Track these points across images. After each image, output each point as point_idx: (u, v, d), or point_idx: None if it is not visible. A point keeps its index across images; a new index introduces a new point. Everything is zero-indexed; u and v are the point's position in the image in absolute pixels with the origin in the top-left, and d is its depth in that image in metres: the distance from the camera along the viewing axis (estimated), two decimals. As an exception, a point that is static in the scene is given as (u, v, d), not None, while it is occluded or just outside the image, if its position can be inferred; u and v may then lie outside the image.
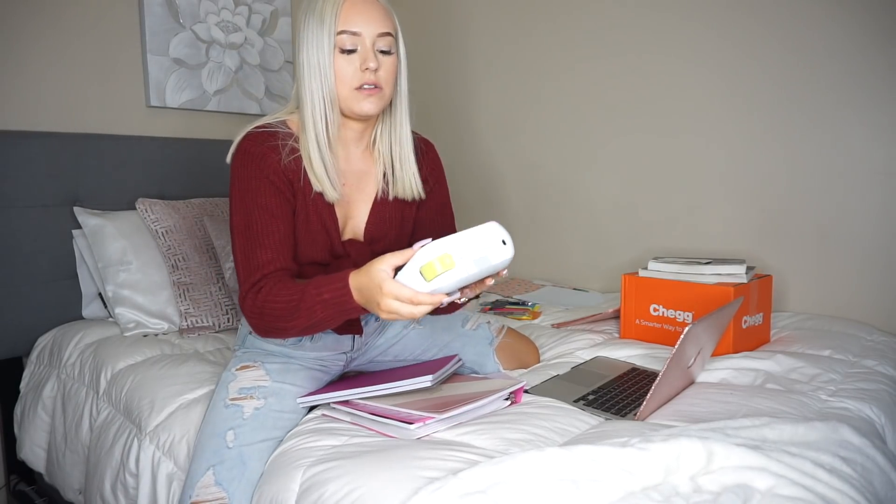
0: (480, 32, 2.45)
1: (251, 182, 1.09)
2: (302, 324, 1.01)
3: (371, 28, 1.09)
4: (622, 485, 0.82)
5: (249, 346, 1.26)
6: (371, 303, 0.93)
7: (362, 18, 1.08)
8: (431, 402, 1.08)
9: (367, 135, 1.22)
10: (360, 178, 1.22)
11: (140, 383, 1.40)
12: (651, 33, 2.01)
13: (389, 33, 1.11)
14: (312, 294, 0.99)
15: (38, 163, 1.76)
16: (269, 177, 1.09)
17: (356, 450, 0.99)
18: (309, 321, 1.00)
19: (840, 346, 1.45)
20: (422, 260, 0.89)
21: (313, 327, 1.02)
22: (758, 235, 1.85)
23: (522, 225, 2.41)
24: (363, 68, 1.08)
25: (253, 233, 1.07)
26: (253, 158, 1.09)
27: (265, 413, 1.11)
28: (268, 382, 1.16)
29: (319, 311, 0.99)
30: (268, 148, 1.10)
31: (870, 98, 1.64)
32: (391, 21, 1.13)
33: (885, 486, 0.89)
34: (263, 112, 2.33)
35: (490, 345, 1.38)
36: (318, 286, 0.99)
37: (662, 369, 1.07)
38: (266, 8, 2.33)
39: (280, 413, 1.12)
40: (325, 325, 1.02)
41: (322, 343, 1.25)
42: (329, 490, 0.91)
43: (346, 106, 1.12)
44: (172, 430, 1.24)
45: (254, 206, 1.08)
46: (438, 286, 0.89)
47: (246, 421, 1.09)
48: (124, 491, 1.29)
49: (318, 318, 1.00)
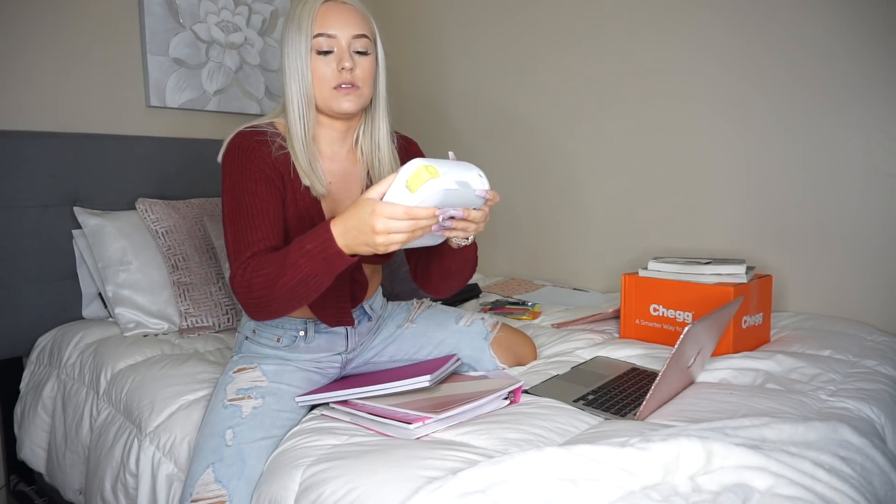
0: (480, 32, 2.45)
1: (242, 171, 1.12)
2: (288, 283, 0.99)
3: (346, 30, 1.15)
4: (622, 484, 0.82)
5: (246, 352, 1.28)
6: (363, 235, 0.92)
7: (338, 22, 1.14)
8: (430, 402, 1.09)
9: (350, 135, 1.27)
10: (345, 177, 1.26)
11: (140, 384, 1.40)
12: (652, 32, 2.01)
13: (365, 35, 1.17)
14: (295, 249, 0.99)
15: (38, 163, 1.76)
16: (259, 166, 1.13)
17: (356, 449, 0.99)
18: (294, 277, 0.98)
19: (840, 346, 1.45)
20: (406, 173, 0.90)
21: (302, 287, 0.99)
22: (758, 235, 1.85)
23: (522, 225, 2.41)
24: (339, 68, 1.14)
25: (243, 215, 1.09)
26: (243, 151, 1.13)
27: (263, 412, 1.12)
28: (265, 383, 1.18)
29: (304, 266, 0.98)
30: (257, 142, 1.15)
31: (870, 97, 1.64)
32: (367, 24, 1.18)
33: (884, 486, 0.89)
34: (263, 112, 2.34)
35: (485, 339, 1.38)
36: (300, 241, 0.99)
37: (662, 369, 1.07)
38: (266, 8, 2.33)
39: (278, 412, 1.13)
40: (315, 281, 0.99)
41: (316, 344, 1.26)
42: (328, 489, 0.91)
43: (326, 105, 1.17)
44: (173, 430, 1.24)
45: (244, 192, 1.11)
46: (425, 196, 0.89)
47: (244, 420, 1.10)
48: (125, 491, 1.29)
49: (304, 273, 0.98)
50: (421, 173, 0.89)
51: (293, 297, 1.01)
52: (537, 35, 2.29)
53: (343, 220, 0.95)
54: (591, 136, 2.19)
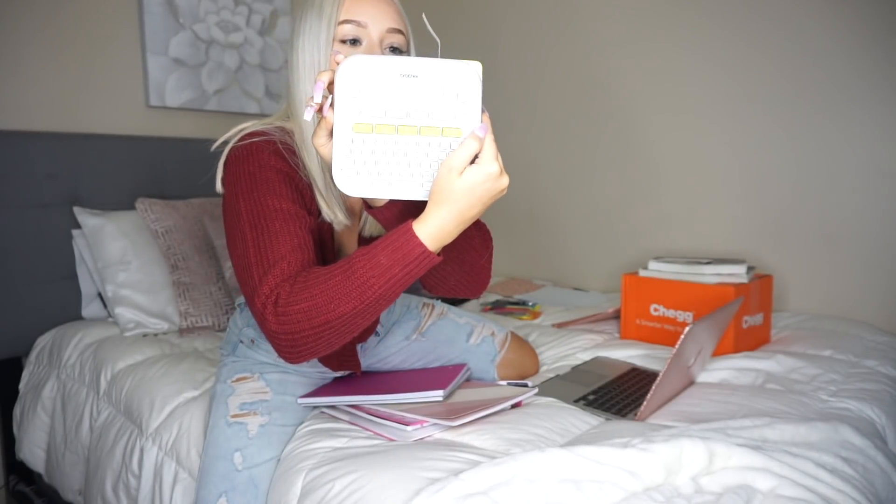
0: (480, 30, 2.45)
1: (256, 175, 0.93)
2: (350, 310, 0.79)
3: (380, 22, 0.95)
4: (624, 486, 0.82)
5: (241, 356, 1.18)
6: (479, 205, 0.80)
7: (371, 9, 0.95)
8: (441, 409, 1.07)
9: None
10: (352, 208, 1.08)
11: (140, 383, 1.40)
12: (652, 32, 2.01)
13: (401, 31, 0.98)
14: (361, 265, 0.79)
15: (37, 163, 1.76)
16: (277, 168, 0.94)
17: (357, 451, 0.99)
18: (362, 302, 0.79)
19: (841, 347, 1.45)
20: None
21: (361, 316, 0.81)
22: (758, 235, 1.85)
23: (522, 225, 2.41)
24: None
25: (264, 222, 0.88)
26: (252, 151, 0.95)
27: (270, 430, 1.05)
28: (269, 396, 1.10)
29: (377, 285, 0.78)
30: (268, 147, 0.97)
31: (871, 97, 1.64)
32: (403, 21, 1.00)
33: (886, 486, 0.89)
34: (263, 112, 2.33)
35: (492, 362, 1.34)
36: (364, 256, 0.79)
37: (663, 369, 1.07)
38: (266, 8, 2.33)
39: (285, 428, 1.08)
40: (384, 302, 0.81)
41: None
42: (331, 492, 0.91)
43: None
44: (173, 429, 1.25)
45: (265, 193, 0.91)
46: None
47: (252, 440, 1.03)
48: (126, 491, 1.29)
49: (377, 294, 0.79)
50: None
51: (349, 330, 0.83)
52: (537, 35, 2.29)
53: (436, 214, 0.78)
54: (592, 135, 2.19)
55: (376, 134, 0.78)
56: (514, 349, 1.39)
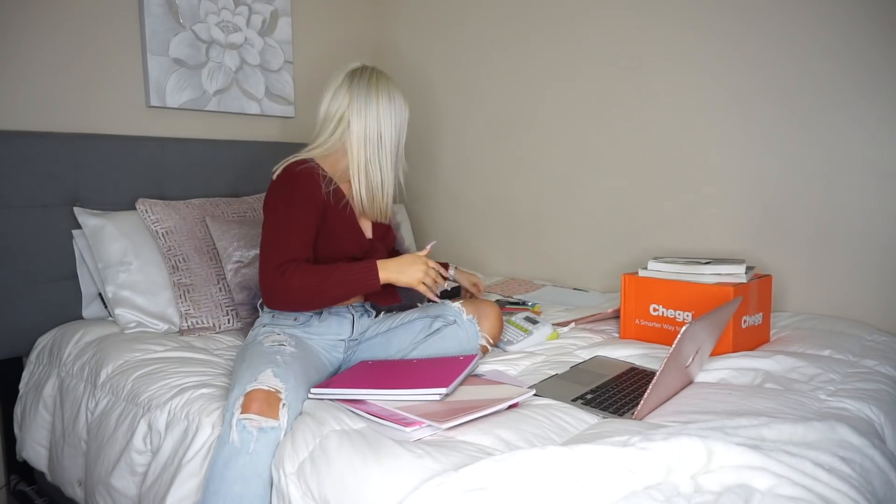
0: (482, 33, 2.46)
1: (292, 199, 1.37)
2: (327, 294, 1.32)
3: None
4: (624, 483, 0.82)
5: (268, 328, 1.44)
6: (410, 269, 1.36)
7: None
8: (436, 409, 1.09)
9: None
10: None
11: (144, 373, 1.42)
12: (651, 34, 2.01)
13: None
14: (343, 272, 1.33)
15: (38, 163, 1.76)
16: (310, 196, 1.39)
17: (359, 441, 1.00)
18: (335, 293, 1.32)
19: (840, 346, 1.45)
20: None
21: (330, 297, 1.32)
22: (757, 235, 1.86)
23: (522, 225, 2.42)
24: None
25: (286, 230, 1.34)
26: (297, 178, 1.39)
27: (299, 357, 1.29)
28: (294, 340, 1.36)
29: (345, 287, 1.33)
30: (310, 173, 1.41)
31: (869, 98, 1.65)
32: None
33: (884, 486, 0.89)
34: (263, 112, 2.34)
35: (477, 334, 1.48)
36: (347, 271, 1.33)
37: (660, 368, 1.07)
38: (266, 8, 2.33)
39: (308, 359, 1.32)
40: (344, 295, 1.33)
41: (327, 324, 1.45)
42: (334, 471, 0.92)
43: None
44: (182, 404, 1.28)
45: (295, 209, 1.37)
46: None
47: (286, 355, 1.26)
48: (130, 470, 1.30)
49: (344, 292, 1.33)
50: None
51: (322, 301, 1.33)
52: (539, 38, 2.29)
53: (390, 262, 1.36)
54: (592, 135, 2.19)
55: None
56: (469, 304, 1.53)
